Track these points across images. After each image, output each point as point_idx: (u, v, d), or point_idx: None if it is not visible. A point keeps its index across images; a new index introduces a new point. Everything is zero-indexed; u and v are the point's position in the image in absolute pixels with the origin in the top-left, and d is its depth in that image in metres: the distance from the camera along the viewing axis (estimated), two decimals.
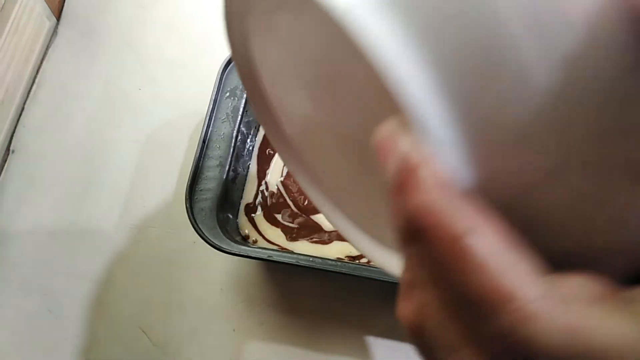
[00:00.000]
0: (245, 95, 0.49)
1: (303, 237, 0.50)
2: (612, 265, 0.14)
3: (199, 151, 0.46)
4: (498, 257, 0.13)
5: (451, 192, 0.13)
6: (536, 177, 0.13)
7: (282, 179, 0.51)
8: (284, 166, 0.52)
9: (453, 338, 0.14)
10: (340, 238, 0.49)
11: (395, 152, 0.13)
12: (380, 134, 0.14)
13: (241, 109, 0.49)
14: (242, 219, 0.50)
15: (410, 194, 0.13)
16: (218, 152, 0.47)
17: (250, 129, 0.52)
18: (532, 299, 0.12)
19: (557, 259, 0.14)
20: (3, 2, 0.51)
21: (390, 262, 0.20)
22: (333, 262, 0.43)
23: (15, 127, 0.56)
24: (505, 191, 0.13)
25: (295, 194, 0.51)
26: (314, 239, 0.49)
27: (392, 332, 0.48)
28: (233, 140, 0.48)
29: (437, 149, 0.13)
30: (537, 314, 0.12)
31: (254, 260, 0.50)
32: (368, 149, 0.15)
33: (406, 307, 0.16)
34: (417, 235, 0.13)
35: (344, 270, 0.43)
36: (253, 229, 0.50)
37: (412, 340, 0.16)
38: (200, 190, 0.46)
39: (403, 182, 0.13)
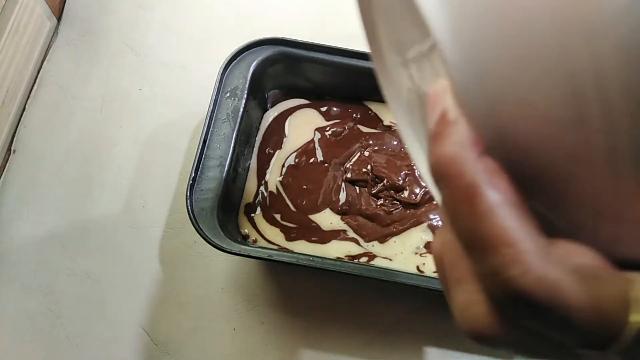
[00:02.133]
0: (245, 96, 0.49)
1: (302, 236, 0.50)
2: (603, 247, 0.16)
3: (199, 151, 0.47)
4: (503, 207, 0.15)
5: (474, 149, 0.15)
6: (551, 132, 0.14)
7: (280, 178, 0.52)
8: (283, 165, 0.52)
9: (462, 272, 0.17)
10: (339, 238, 0.50)
11: (440, 106, 0.16)
12: (433, 88, 0.16)
13: (241, 109, 0.49)
14: (242, 219, 0.51)
15: (441, 143, 0.16)
16: (218, 152, 0.48)
17: (251, 129, 0.52)
18: (526, 249, 0.15)
19: (557, 227, 0.16)
20: (4, 2, 0.51)
21: None
22: (333, 262, 0.44)
23: (17, 127, 0.56)
24: (522, 148, 0.15)
25: (294, 194, 0.51)
26: (313, 239, 0.50)
27: (391, 331, 0.48)
28: (233, 141, 0.48)
29: (471, 113, 0.15)
30: (525, 262, 0.15)
31: (254, 260, 0.50)
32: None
33: (435, 241, 0.19)
34: (442, 179, 0.16)
35: (343, 269, 0.43)
36: (252, 229, 0.50)
37: (436, 269, 0.19)
38: (201, 190, 0.46)
39: (439, 132, 0.16)
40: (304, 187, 0.51)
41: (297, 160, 0.52)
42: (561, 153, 0.15)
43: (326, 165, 0.52)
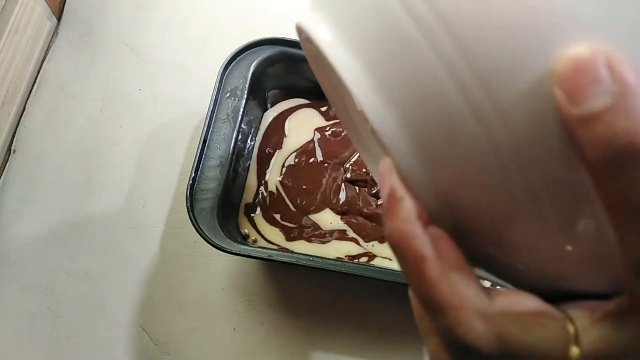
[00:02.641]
0: (245, 96, 0.49)
1: (302, 236, 0.50)
2: (541, 286, 0.18)
3: (199, 151, 0.47)
4: (448, 274, 0.17)
5: (419, 221, 0.17)
6: (495, 212, 0.17)
7: (280, 178, 0.52)
8: (283, 166, 0.52)
9: (426, 327, 0.19)
10: (339, 238, 0.50)
11: (388, 183, 0.18)
12: (381, 165, 0.18)
13: (241, 109, 0.49)
14: (242, 219, 0.51)
15: (391, 219, 0.17)
16: (218, 152, 0.48)
17: (251, 129, 0.52)
18: (469, 309, 0.17)
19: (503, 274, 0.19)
20: (4, 2, 0.51)
21: None
22: (333, 262, 0.44)
23: (17, 127, 0.56)
24: (462, 212, 0.17)
25: (293, 194, 0.51)
26: (313, 239, 0.50)
27: (391, 331, 0.48)
28: (233, 141, 0.48)
29: (414, 186, 0.17)
30: (469, 321, 0.17)
31: (254, 260, 0.50)
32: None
33: (410, 293, 0.21)
34: (394, 250, 0.18)
35: (344, 269, 0.43)
36: (252, 229, 0.50)
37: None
38: (201, 190, 0.46)
39: (388, 208, 0.18)
40: (304, 187, 0.51)
41: (297, 160, 0.52)
42: (494, 210, 0.16)
43: (326, 165, 0.52)
